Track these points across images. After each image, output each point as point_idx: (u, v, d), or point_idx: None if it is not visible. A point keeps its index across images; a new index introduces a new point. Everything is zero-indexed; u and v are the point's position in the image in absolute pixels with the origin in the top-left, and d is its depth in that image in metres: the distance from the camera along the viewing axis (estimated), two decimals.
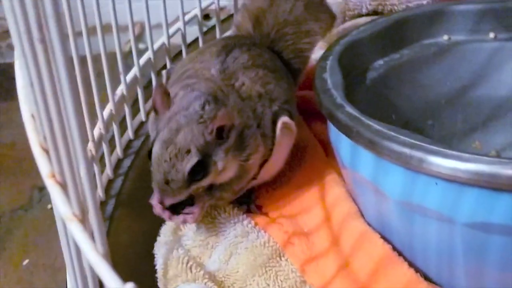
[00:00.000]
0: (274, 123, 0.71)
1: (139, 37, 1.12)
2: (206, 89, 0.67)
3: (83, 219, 0.40)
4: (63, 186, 0.40)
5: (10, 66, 0.53)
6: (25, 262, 0.93)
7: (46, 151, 0.42)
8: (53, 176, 0.41)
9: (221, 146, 0.65)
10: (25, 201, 1.02)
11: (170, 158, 0.63)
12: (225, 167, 0.66)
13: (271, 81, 0.72)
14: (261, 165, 0.72)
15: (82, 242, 0.38)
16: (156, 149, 0.64)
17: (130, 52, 0.83)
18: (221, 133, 0.64)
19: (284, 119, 0.71)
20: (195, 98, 0.65)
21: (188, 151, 0.63)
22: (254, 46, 0.75)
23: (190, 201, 0.68)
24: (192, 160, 0.63)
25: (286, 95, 0.73)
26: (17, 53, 0.44)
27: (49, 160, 0.41)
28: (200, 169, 0.64)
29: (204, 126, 0.64)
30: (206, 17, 1.02)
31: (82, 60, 0.69)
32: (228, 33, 0.96)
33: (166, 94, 0.67)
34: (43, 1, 0.32)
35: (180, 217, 0.68)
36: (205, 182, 0.66)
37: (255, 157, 0.69)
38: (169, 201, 0.65)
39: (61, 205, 0.40)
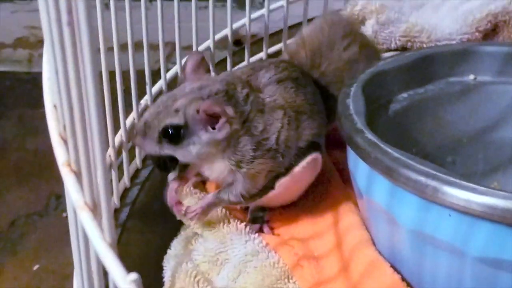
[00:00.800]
0: (302, 154, 0.71)
1: (168, 58, 1.13)
2: (233, 85, 0.69)
3: (94, 209, 0.40)
4: (78, 175, 0.41)
5: (40, 75, 0.54)
6: (36, 267, 0.93)
7: (65, 141, 0.42)
8: (69, 164, 0.41)
9: (207, 134, 0.67)
10: (41, 207, 1.03)
11: (161, 107, 0.67)
12: (203, 157, 0.69)
13: (306, 111, 0.72)
14: (275, 178, 0.71)
15: (91, 231, 0.38)
16: (162, 96, 0.70)
17: (158, 71, 0.84)
18: (214, 123, 0.66)
19: (315, 155, 0.71)
20: (217, 82, 0.69)
21: (177, 111, 0.66)
22: (302, 77, 0.76)
23: None
24: (174, 119, 0.66)
25: (317, 129, 0.73)
26: (46, 45, 0.45)
27: (66, 149, 0.42)
28: (176, 136, 0.67)
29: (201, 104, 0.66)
30: (237, 43, 1.02)
31: (111, 74, 0.71)
32: (260, 55, 0.97)
33: (200, 62, 0.72)
34: None
35: (192, 212, 0.71)
36: (175, 152, 0.68)
37: (253, 168, 0.69)
38: (135, 141, 0.70)
39: (74, 193, 0.40)
